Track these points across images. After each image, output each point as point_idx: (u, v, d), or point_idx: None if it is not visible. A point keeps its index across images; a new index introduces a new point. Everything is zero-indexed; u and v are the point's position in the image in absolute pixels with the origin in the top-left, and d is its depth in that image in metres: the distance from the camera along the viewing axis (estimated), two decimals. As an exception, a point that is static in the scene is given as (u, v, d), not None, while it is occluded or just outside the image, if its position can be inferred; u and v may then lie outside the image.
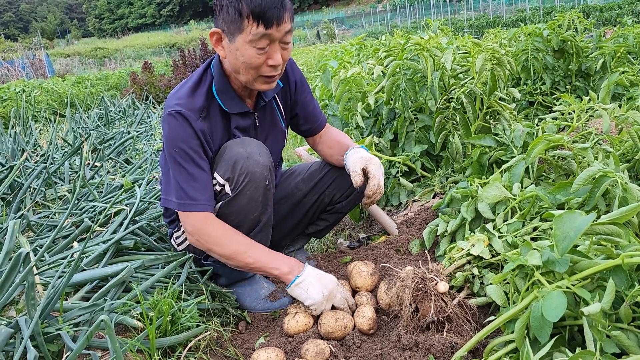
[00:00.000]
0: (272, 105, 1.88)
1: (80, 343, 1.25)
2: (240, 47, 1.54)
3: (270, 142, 1.89)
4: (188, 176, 1.61)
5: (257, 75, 1.60)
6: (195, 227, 1.64)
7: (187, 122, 1.60)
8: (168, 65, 12.65)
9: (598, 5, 20.93)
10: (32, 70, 15.67)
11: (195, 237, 1.65)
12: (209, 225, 1.64)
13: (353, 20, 41.52)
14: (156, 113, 6.36)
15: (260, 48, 1.53)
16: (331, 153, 2.00)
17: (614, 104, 1.98)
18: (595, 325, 1.06)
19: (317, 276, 1.65)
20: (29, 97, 7.67)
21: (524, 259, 1.23)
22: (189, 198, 1.62)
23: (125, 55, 32.65)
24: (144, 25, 71.91)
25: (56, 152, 3.65)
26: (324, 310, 1.64)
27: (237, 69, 1.61)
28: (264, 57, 1.56)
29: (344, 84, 2.79)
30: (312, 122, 2.01)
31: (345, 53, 4.45)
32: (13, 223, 1.60)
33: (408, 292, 1.45)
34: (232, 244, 1.64)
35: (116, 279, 1.58)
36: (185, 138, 1.60)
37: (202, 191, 1.63)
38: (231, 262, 1.66)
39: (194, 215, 1.63)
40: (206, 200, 1.63)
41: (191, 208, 1.62)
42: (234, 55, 1.57)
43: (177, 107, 1.60)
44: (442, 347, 1.36)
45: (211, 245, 1.64)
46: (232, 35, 1.54)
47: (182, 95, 1.64)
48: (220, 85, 1.69)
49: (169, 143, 1.62)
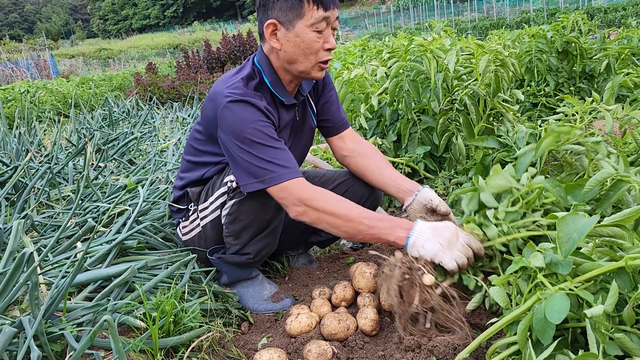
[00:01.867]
0: (305, 102, 1.91)
1: (84, 343, 1.25)
2: (301, 32, 1.60)
3: (302, 138, 1.92)
4: (269, 150, 1.58)
5: (316, 61, 1.66)
6: (297, 195, 1.57)
7: (251, 105, 1.60)
8: (172, 66, 12.67)
9: (602, 6, 20.88)
10: (37, 71, 15.74)
11: (301, 207, 1.57)
12: (311, 189, 1.58)
13: (356, 22, 41.50)
14: (160, 114, 6.38)
15: (319, 31, 1.60)
16: (360, 152, 1.96)
17: (618, 105, 1.98)
18: (598, 327, 1.06)
19: (430, 229, 1.49)
20: (33, 98, 7.69)
21: (527, 261, 1.23)
22: (278, 168, 1.57)
23: (129, 56, 32.74)
24: (148, 26, 72.09)
25: (60, 152, 3.66)
26: (451, 259, 1.44)
27: (296, 57, 1.65)
28: (321, 41, 1.63)
29: (347, 85, 2.79)
30: (337, 120, 2.00)
31: (348, 54, 4.45)
32: (17, 223, 1.60)
33: (394, 281, 1.44)
34: (342, 206, 1.57)
35: (119, 279, 1.58)
36: (254, 119, 1.59)
37: (287, 160, 1.60)
38: (342, 228, 1.56)
39: (290, 185, 1.57)
40: (296, 167, 1.60)
41: (282, 178, 1.57)
42: (292, 43, 1.62)
43: (236, 96, 1.60)
44: (445, 348, 1.36)
45: (321, 209, 1.56)
46: (291, 22, 1.59)
47: (237, 85, 1.65)
48: (271, 78, 1.72)
49: (238, 129, 1.58)
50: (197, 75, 8.39)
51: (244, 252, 1.81)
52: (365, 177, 1.94)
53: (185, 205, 1.92)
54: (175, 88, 7.87)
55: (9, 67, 15.46)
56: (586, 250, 1.20)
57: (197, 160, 1.86)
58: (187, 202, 1.91)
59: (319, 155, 3.80)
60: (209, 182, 1.83)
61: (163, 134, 4.88)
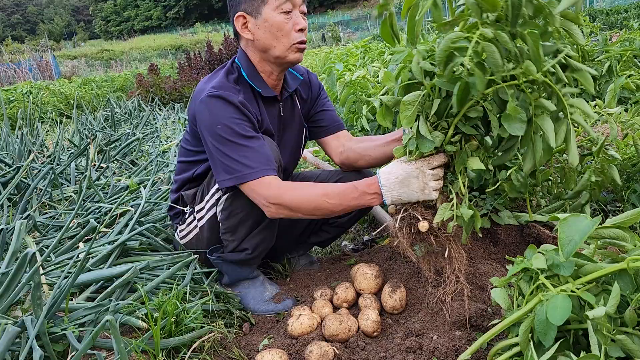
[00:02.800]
0: (293, 100, 1.94)
1: (86, 343, 1.25)
2: (269, 17, 1.65)
3: (289, 135, 1.93)
4: (237, 148, 1.61)
5: (290, 43, 1.69)
6: (263, 195, 1.60)
7: (224, 100, 1.62)
8: (174, 68, 12.70)
9: (604, 8, 20.85)
10: (39, 72, 15.78)
11: (271, 207, 1.61)
12: (275, 187, 1.60)
13: (358, 23, 41.54)
14: (162, 115, 6.39)
15: (286, 12, 1.65)
16: (361, 145, 1.95)
17: (620, 107, 1.98)
18: (600, 329, 1.06)
19: (394, 178, 1.49)
20: (35, 99, 7.71)
21: (529, 262, 1.23)
22: (243, 168, 1.60)
23: (131, 57, 32.80)
24: (150, 27, 72.23)
25: (62, 153, 3.67)
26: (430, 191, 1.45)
27: (269, 43, 1.69)
28: (291, 22, 1.67)
29: (349, 86, 2.79)
30: (334, 121, 2.03)
31: (350, 56, 4.46)
32: (20, 223, 1.61)
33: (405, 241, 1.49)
34: (306, 195, 1.60)
35: (121, 279, 1.59)
36: (226, 115, 1.62)
37: (255, 159, 1.60)
38: (316, 213, 1.62)
39: (255, 184, 1.60)
40: (263, 165, 1.61)
41: (247, 178, 1.60)
42: (263, 29, 1.67)
43: (213, 91, 1.64)
44: (446, 350, 1.36)
45: (288, 205, 1.60)
46: (257, 11, 1.65)
47: (215, 82, 1.69)
48: (249, 71, 1.76)
49: (210, 125, 1.63)
50: (199, 76, 8.41)
51: (242, 248, 1.81)
52: (368, 155, 1.90)
53: (181, 209, 1.92)
54: (177, 89, 7.89)
55: (12, 68, 15.50)
56: (588, 252, 1.20)
57: (188, 160, 1.88)
58: (183, 206, 1.92)
59: (320, 157, 3.80)
60: (203, 182, 1.84)
61: (165, 135, 4.88)
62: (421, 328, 1.52)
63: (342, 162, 2.01)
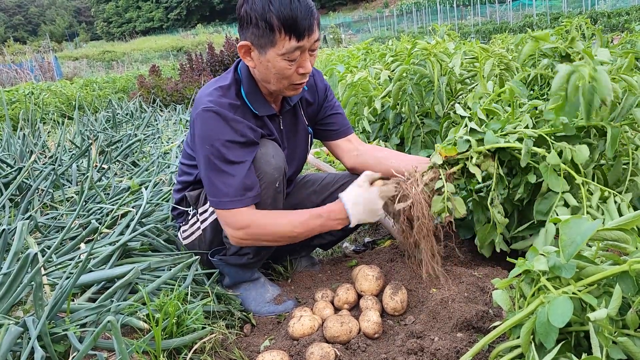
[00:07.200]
0: (295, 110, 1.90)
1: (87, 344, 1.26)
2: (272, 59, 1.56)
3: (293, 147, 1.91)
4: (219, 174, 1.63)
5: (289, 84, 1.64)
6: (231, 225, 1.67)
7: (219, 116, 1.61)
8: (175, 69, 12.71)
9: (606, 11, 20.86)
10: (41, 73, 15.79)
11: (234, 238, 1.69)
12: (243, 218, 1.65)
13: (360, 25, 41.57)
14: (163, 116, 6.39)
15: (292, 60, 1.56)
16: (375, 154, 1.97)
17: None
18: (602, 331, 1.06)
19: (356, 202, 1.68)
20: (37, 100, 7.72)
21: (530, 264, 1.23)
22: (219, 194, 1.63)
23: (133, 58, 32.85)
24: (152, 28, 72.30)
25: (64, 154, 3.68)
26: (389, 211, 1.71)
27: (268, 79, 1.64)
28: (294, 67, 1.59)
29: (350, 88, 2.80)
30: (344, 124, 2.02)
31: (352, 57, 4.46)
32: (21, 224, 1.61)
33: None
34: (272, 225, 1.67)
35: (123, 280, 1.59)
36: (217, 136, 1.61)
37: (232, 186, 1.62)
38: (281, 242, 1.72)
39: (226, 214, 1.66)
40: (238, 195, 1.63)
41: (219, 206, 1.65)
42: (264, 66, 1.60)
43: (210, 106, 1.62)
44: (448, 351, 1.36)
45: (253, 237, 1.67)
46: (263, 48, 1.55)
47: (214, 93, 1.66)
48: (248, 88, 1.71)
49: (202, 141, 1.63)
50: (201, 77, 8.42)
51: (244, 253, 1.82)
52: (387, 162, 1.88)
53: (185, 209, 1.93)
54: (178, 90, 7.89)
55: (13, 69, 15.52)
56: (589, 254, 1.20)
57: (190, 163, 1.88)
58: (187, 206, 1.92)
59: (321, 158, 3.80)
60: None
61: (166, 136, 4.89)
62: (422, 330, 1.52)
63: (355, 166, 1.98)
